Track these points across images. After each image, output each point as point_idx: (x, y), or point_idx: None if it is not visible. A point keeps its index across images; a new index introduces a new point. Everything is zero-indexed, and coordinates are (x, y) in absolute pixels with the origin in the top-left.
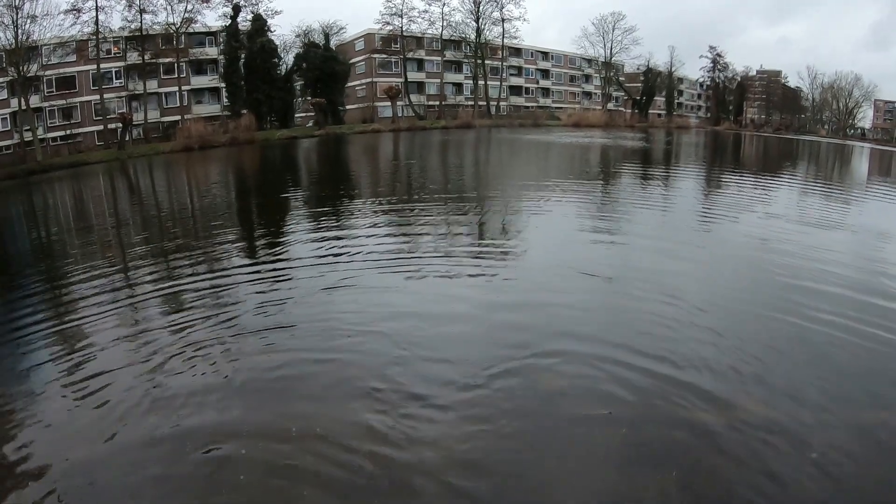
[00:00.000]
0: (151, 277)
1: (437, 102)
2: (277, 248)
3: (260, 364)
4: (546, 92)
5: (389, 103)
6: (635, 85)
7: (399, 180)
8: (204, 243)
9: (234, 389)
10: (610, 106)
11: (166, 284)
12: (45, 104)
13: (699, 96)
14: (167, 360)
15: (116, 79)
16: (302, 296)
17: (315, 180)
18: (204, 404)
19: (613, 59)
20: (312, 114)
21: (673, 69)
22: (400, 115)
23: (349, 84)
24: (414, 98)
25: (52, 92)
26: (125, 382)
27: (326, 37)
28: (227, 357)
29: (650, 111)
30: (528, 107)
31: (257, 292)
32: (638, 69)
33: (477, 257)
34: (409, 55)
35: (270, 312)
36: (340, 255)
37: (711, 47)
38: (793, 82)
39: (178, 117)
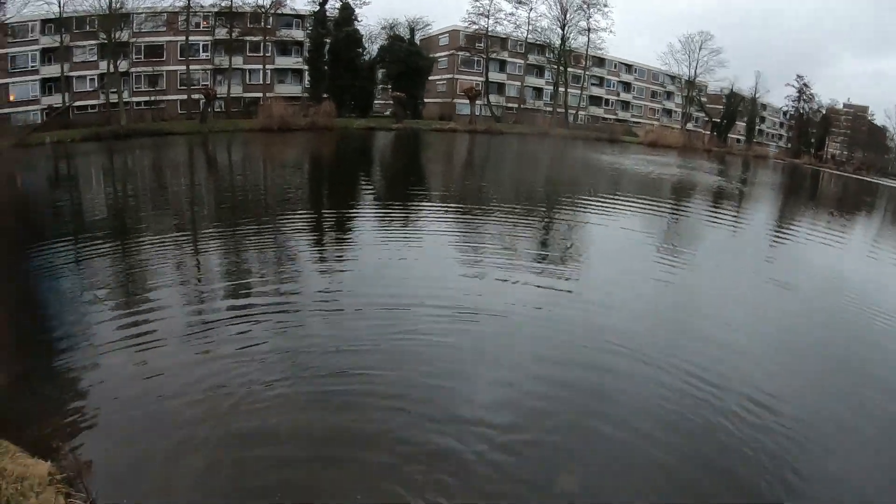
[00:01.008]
0: (218, 248)
1: (516, 105)
2: (343, 236)
3: (317, 332)
4: (626, 105)
5: (468, 101)
6: (716, 107)
7: (468, 194)
8: (272, 224)
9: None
10: (689, 126)
11: (231, 256)
12: (133, 70)
13: (781, 125)
14: (220, 325)
15: (203, 52)
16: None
17: (388, 178)
18: (250, 365)
19: (697, 78)
20: (391, 104)
21: (757, 95)
22: (478, 114)
23: (430, 78)
24: (493, 98)
25: (140, 59)
26: (178, 342)
27: (412, 31)
28: (287, 327)
29: (729, 135)
30: (606, 118)
31: (321, 272)
32: (721, 91)
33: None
34: (492, 55)
35: (332, 290)
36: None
37: (799, 76)
38: (879, 120)
39: (259, 94)
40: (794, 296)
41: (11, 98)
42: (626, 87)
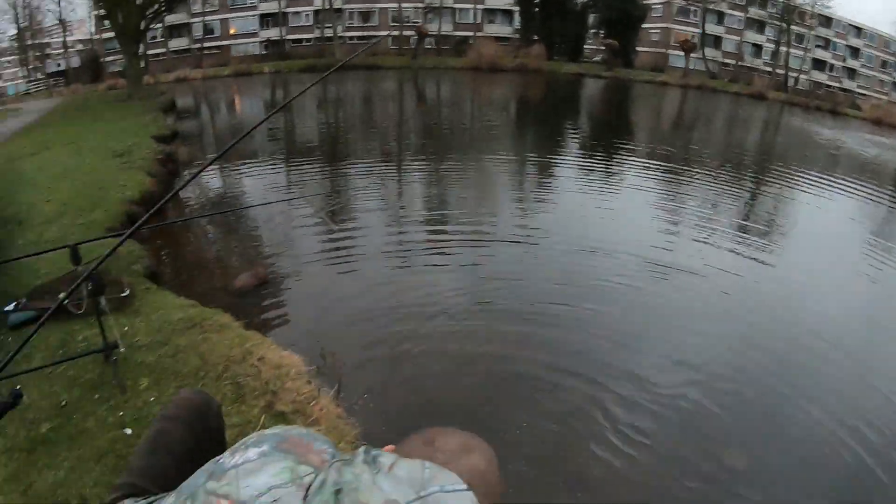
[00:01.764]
0: (421, 178)
1: (733, 62)
2: (543, 178)
3: (509, 266)
4: (851, 73)
5: (682, 54)
6: None
7: (674, 152)
8: (475, 160)
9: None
10: None
11: (432, 188)
12: (346, 6)
13: None
14: (417, 251)
15: None
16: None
17: (594, 126)
18: (441, 292)
19: None
20: (602, 50)
21: None
22: (691, 68)
23: (643, 26)
24: (708, 52)
25: None
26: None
27: None
28: (480, 257)
29: None
30: (829, 86)
31: (518, 210)
32: None
33: None
34: (710, 6)
35: (528, 227)
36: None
37: None
38: None
39: (469, 34)
40: None
41: (233, 31)
42: (854, 52)
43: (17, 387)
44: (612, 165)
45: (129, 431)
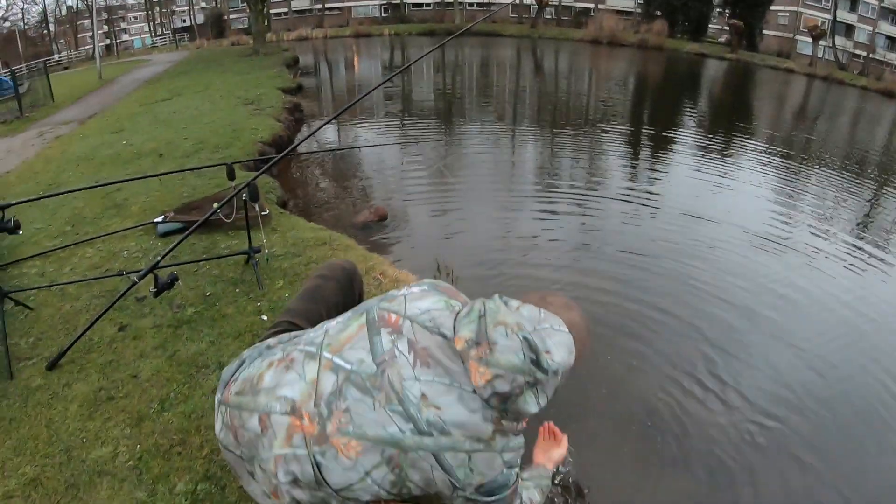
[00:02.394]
0: (535, 145)
1: (864, 53)
2: (657, 154)
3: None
4: None
5: (811, 40)
6: None
7: (794, 144)
8: (589, 131)
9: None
10: None
11: (545, 154)
12: None
13: None
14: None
15: None
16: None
17: (713, 109)
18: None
19: None
20: (725, 28)
21: None
22: (819, 56)
23: (771, 8)
24: (839, 41)
25: None
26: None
27: None
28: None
29: None
30: None
31: (622, 212)
32: None
33: None
34: None
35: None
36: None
37: None
38: None
39: (590, 5)
40: None
41: None
42: None
43: (174, 272)
44: (729, 150)
45: (264, 318)
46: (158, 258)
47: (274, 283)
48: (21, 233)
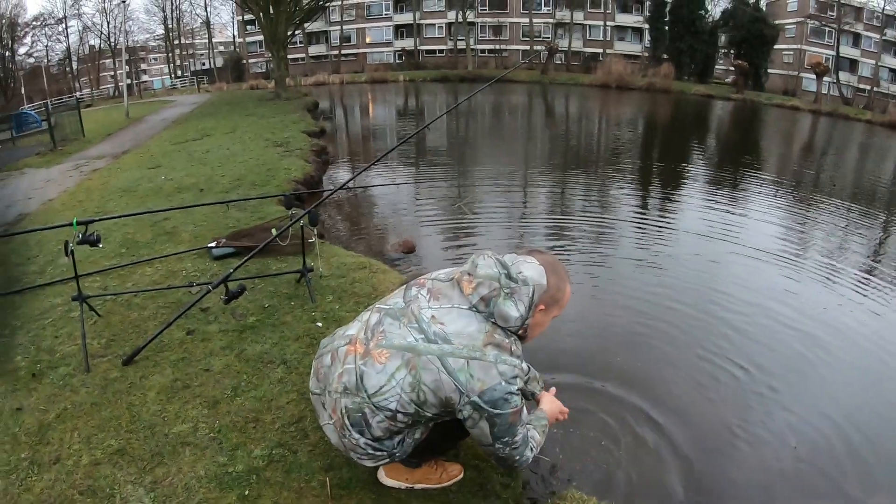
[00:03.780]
0: (543, 198)
1: (869, 87)
2: (667, 212)
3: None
4: None
5: (815, 78)
6: None
7: (802, 181)
8: (599, 180)
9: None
10: None
11: (555, 196)
12: (478, 20)
13: None
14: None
15: (545, 6)
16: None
17: (721, 149)
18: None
19: None
20: (731, 69)
21: None
22: (824, 92)
23: (774, 47)
24: (843, 77)
25: (485, 10)
26: None
27: None
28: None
29: None
30: None
31: (637, 247)
32: None
33: None
34: (846, 27)
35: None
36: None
37: None
38: None
39: (599, 50)
40: None
41: (368, 40)
42: None
43: (242, 283)
44: (737, 187)
45: (319, 324)
46: (230, 270)
47: (325, 298)
48: (102, 246)
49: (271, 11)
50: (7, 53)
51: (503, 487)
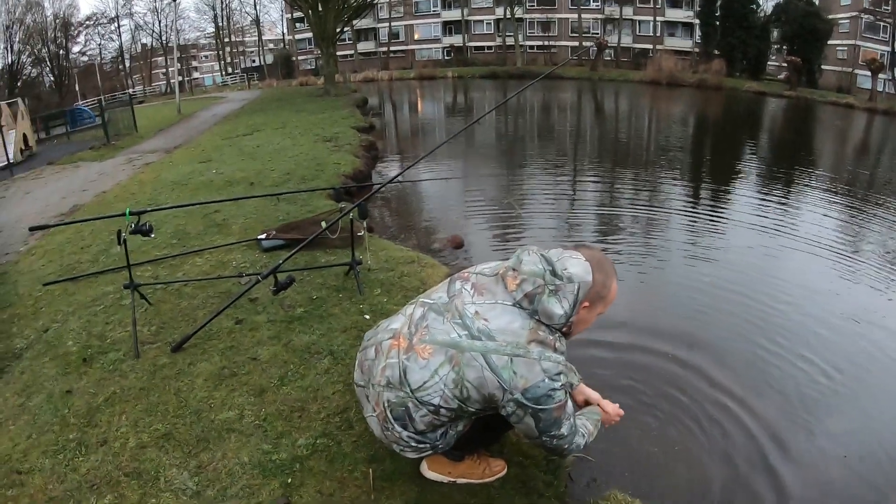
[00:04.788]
0: (594, 182)
1: None
2: (717, 207)
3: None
4: None
5: (870, 74)
6: None
7: (858, 182)
8: (649, 169)
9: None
10: None
11: (605, 194)
12: (527, 16)
13: None
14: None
15: (594, 1)
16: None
17: (774, 148)
18: None
19: None
20: (783, 65)
21: None
22: (880, 90)
23: (828, 43)
24: None
25: (534, 6)
26: None
27: None
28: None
29: None
30: None
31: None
32: None
33: None
34: None
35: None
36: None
37: None
38: None
39: (648, 46)
40: None
41: (416, 37)
42: None
43: (291, 275)
44: (790, 189)
45: (367, 317)
46: (280, 261)
47: (373, 291)
48: (154, 236)
49: (320, 9)
50: (61, 52)
51: (546, 486)
